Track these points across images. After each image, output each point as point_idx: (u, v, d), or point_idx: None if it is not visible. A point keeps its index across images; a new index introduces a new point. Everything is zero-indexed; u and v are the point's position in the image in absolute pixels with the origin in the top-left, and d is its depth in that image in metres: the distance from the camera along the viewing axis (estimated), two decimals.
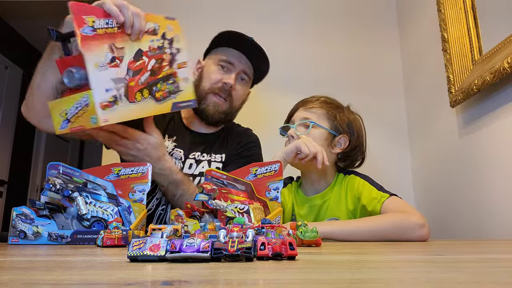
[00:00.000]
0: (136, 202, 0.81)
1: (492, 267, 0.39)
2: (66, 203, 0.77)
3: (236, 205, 0.80)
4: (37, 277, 0.31)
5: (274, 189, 0.86)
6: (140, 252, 0.40)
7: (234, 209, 0.80)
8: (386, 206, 0.99)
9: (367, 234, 0.91)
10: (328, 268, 0.37)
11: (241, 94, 1.18)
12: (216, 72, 1.14)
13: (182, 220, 0.79)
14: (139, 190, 0.82)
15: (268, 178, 0.86)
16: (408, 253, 0.59)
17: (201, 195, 0.79)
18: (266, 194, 0.86)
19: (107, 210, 0.79)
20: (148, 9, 0.92)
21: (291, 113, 1.19)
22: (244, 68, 1.15)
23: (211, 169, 0.89)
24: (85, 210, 0.77)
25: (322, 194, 1.13)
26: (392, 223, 0.92)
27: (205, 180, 0.88)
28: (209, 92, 1.13)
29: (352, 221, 1.00)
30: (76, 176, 0.80)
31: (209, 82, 1.14)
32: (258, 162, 0.90)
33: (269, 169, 0.86)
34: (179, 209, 0.82)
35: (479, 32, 1.23)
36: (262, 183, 0.86)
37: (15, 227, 0.72)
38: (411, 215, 0.94)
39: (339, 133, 1.12)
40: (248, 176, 0.87)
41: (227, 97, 1.14)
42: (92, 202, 0.78)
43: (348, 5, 1.94)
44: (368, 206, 1.02)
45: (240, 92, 1.17)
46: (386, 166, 1.75)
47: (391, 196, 1.01)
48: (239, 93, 1.16)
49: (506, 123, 1.12)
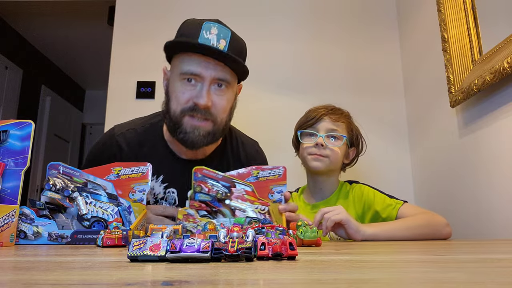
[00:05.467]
0: (136, 202, 0.81)
1: (492, 267, 0.39)
2: (66, 203, 0.77)
3: (256, 206, 0.80)
4: (37, 277, 0.31)
5: (278, 192, 0.86)
6: (140, 252, 0.40)
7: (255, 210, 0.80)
8: (403, 211, 1.05)
9: (407, 232, 0.96)
10: (328, 268, 0.37)
11: (224, 105, 0.93)
12: (182, 90, 0.90)
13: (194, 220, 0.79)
14: (139, 190, 0.82)
15: (272, 181, 0.87)
16: (408, 253, 0.59)
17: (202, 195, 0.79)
18: (268, 196, 0.86)
19: (107, 210, 0.79)
20: (149, 9, 0.91)
21: (313, 121, 1.16)
22: (215, 75, 0.89)
23: (202, 168, 0.86)
24: (85, 210, 0.77)
25: (327, 201, 1.17)
26: (426, 221, 1.00)
27: (195, 179, 0.85)
28: (182, 115, 0.91)
29: (389, 223, 1.04)
30: (76, 176, 0.81)
31: (177, 103, 0.91)
32: (260, 166, 0.89)
33: (273, 173, 0.87)
34: (189, 208, 0.81)
35: (479, 32, 1.23)
36: (264, 185, 0.87)
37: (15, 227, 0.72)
38: (436, 215, 1.03)
39: (351, 146, 1.21)
40: (248, 178, 0.87)
41: (207, 116, 0.90)
42: (92, 202, 0.78)
43: (348, 5, 1.94)
44: (383, 213, 1.07)
45: (222, 104, 0.92)
46: (386, 166, 1.75)
47: (405, 202, 1.08)
48: (220, 105, 0.92)
49: (506, 123, 1.12)
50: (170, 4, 1.91)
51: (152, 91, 1.83)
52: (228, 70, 0.91)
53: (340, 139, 1.15)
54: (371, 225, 1.00)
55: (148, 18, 1.91)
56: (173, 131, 0.93)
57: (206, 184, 0.83)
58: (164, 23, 1.90)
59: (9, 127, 0.73)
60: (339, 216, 0.91)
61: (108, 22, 2.63)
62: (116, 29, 1.91)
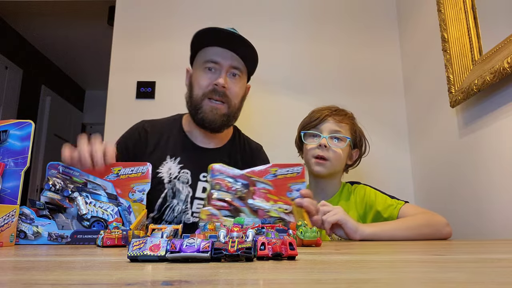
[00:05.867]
0: (136, 202, 0.81)
1: (492, 267, 0.39)
2: (66, 203, 0.77)
3: (279, 205, 0.80)
4: (37, 277, 0.31)
5: (296, 190, 0.86)
6: (140, 252, 0.40)
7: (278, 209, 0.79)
8: (404, 211, 1.05)
9: (407, 231, 0.96)
10: (328, 268, 0.37)
11: (237, 91, 1.10)
12: (204, 76, 1.08)
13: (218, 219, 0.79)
14: (139, 190, 0.82)
15: (290, 179, 0.86)
16: (408, 253, 0.59)
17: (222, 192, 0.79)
18: (287, 194, 0.86)
19: (107, 210, 0.79)
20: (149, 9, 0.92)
21: (317, 121, 1.16)
22: (232, 63, 1.08)
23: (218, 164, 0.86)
24: (85, 210, 0.77)
25: (329, 201, 1.16)
26: (426, 221, 1.00)
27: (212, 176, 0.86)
28: (203, 98, 1.07)
29: (389, 222, 1.04)
30: (76, 176, 0.81)
31: (199, 88, 1.08)
32: (278, 163, 0.89)
33: (291, 170, 0.86)
34: (212, 208, 0.81)
35: (479, 32, 1.23)
36: (283, 183, 0.86)
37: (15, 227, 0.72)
38: (436, 215, 1.03)
39: (355, 148, 1.21)
40: (266, 176, 0.87)
41: (223, 98, 1.07)
42: (92, 202, 0.78)
43: (348, 5, 1.94)
44: (384, 213, 1.08)
45: (236, 89, 1.09)
46: (386, 166, 1.75)
47: (406, 203, 1.08)
48: (234, 90, 1.08)
49: (506, 123, 1.12)
50: (170, 4, 1.91)
51: (152, 91, 1.83)
52: (241, 62, 1.10)
53: (343, 140, 1.15)
54: (370, 224, 1.00)
55: (148, 18, 1.91)
56: (194, 114, 1.09)
57: (224, 181, 0.83)
58: (164, 23, 1.90)
59: (9, 127, 0.73)
60: (335, 217, 0.91)
61: (108, 22, 2.63)
62: (116, 29, 1.91)
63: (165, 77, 1.84)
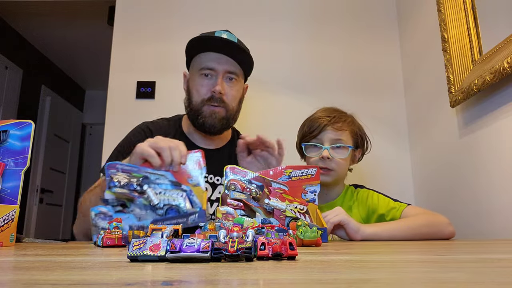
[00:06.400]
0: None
1: (492, 267, 0.39)
2: (136, 196, 0.79)
3: (295, 205, 0.80)
4: (37, 277, 0.31)
5: (311, 192, 0.87)
6: (140, 252, 0.40)
7: (294, 209, 0.80)
8: (406, 213, 1.05)
9: (407, 231, 0.96)
10: (328, 268, 0.37)
11: (234, 94, 1.12)
12: (201, 83, 1.10)
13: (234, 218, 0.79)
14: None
15: (304, 181, 0.87)
16: (408, 253, 0.59)
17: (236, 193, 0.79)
18: (302, 196, 0.86)
19: (177, 196, 0.81)
20: (149, 9, 0.92)
21: (316, 132, 1.14)
22: (227, 68, 1.10)
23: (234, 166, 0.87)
24: (157, 200, 0.79)
25: (332, 203, 1.16)
26: (427, 221, 1.00)
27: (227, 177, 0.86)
28: (202, 104, 1.10)
29: (390, 222, 1.04)
30: (135, 171, 0.82)
31: (198, 95, 1.11)
32: (292, 165, 0.89)
33: (305, 172, 0.87)
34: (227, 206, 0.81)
35: (479, 32, 1.23)
36: (297, 185, 0.87)
37: (96, 226, 0.75)
38: (438, 215, 1.03)
39: (357, 148, 1.20)
40: (281, 177, 0.87)
41: (221, 104, 1.10)
42: (161, 192, 0.81)
43: (348, 5, 1.94)
44: (387, 216, 1.08)
45: (233, 93, 1.12)
46: (386, 166, 1.75)
47: (408, 205, 1.08)
48: (231, 94, 1.11)
49: (506, 123, 1.12)
50: (170, 4, 1.91)
51: (152, 91, 1.83)
52: (237, 65, 1.12)
53: (345, 149, 1.14)
54: (371, 224, 1.00)
55: (148, 18, 1.91)
56: (194, 119, 1.12)
57: (239, 182, 0.83)
58: (164, 23, 1.90)
59: (9, 127, 0.73)
60: (337, 217, 0.91)
61: (108, 22, 2.63)
62: (116, 29, 1.91)
63: (165, 77, 1.84)
